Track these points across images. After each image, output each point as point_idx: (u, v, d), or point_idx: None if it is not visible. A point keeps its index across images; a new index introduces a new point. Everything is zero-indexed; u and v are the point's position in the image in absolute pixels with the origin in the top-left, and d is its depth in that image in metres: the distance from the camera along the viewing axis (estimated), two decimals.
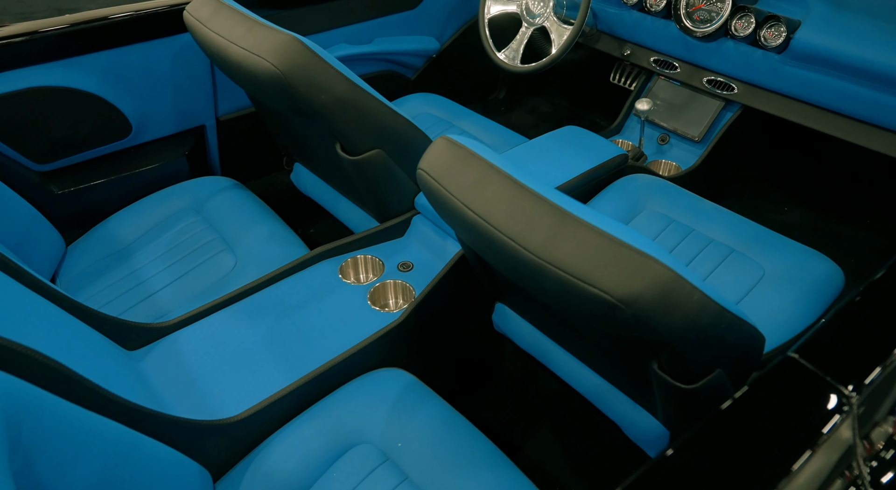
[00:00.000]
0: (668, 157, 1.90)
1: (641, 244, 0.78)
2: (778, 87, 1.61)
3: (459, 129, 1.87)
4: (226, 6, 1.28)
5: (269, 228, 1.50)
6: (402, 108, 1.98)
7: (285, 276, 1.36)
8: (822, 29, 1.44)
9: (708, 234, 1.42)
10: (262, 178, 1.97)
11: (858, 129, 1.51)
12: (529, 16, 1.83)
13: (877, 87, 1.40)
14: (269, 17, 1.74)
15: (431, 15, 2.15)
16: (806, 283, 1.26)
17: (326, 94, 1.20)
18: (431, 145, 0.97)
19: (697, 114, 1.86)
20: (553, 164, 1.56)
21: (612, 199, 1.52)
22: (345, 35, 1.96)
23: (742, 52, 1.63)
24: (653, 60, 1.89)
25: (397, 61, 2.15)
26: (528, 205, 0.85)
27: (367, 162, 1.33)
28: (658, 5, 1.76)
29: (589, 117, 2.54)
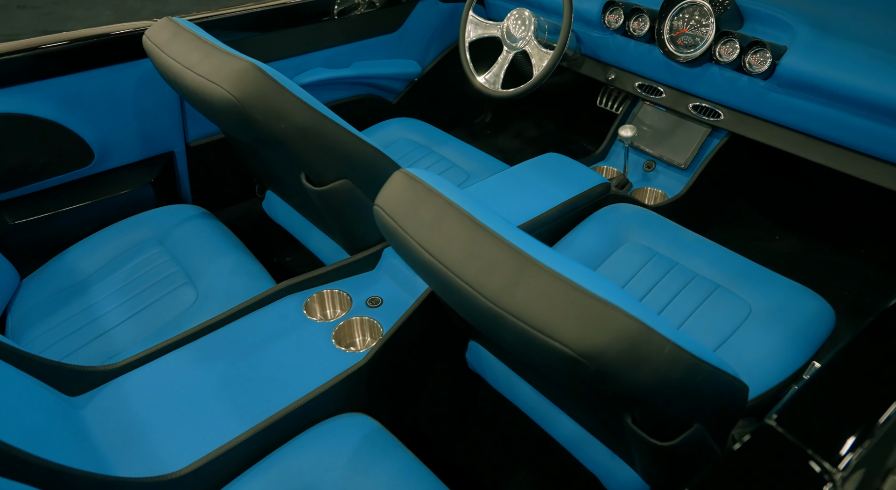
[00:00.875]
0: (654, 184, 1.84)
1: (607, 292, 0.71)
2: (765, 114, 1.56)
3: (438, 156, 1.81)
4: (185, 31, 1.23)
5: (234, 260, 1.43)
6: (381, 133, 1.93)
7: (246, 313, 1.28)
8: (808, 55, 1.39)
9: (692, 268, 1.35)
10: (235, 206, 1.90)
11: (848, 157, 1.45)
12: (510, 40, 1.79)
13: (865, 115, 1.35)
14: (243, 42, 1.70)
15: (413, 38, 2.11)
16: (794, 321, 1.20)
17: (286, 123, 1.14)
18: (389, 180, 0.91)
19: (683, 140, 1.80)
20: (532, 194, 1.50)
21: (593, 229, 1.46)
22: (322, 59, 1.91)
23: (727, 77, 1.58)
24: (637, 85, 1.84)
25: (377, 85, 2.10)
26: (486, 247, 0.78)
27: (332, 193, 1.27)
28: (641, 30, 1.71)
29: (576, 141, 2.49)
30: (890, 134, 1.33)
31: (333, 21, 1.88)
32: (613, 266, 1.39)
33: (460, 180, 1.71)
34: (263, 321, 1.27)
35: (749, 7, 1.54)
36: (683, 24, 1.62)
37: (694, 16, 1.60)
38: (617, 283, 1.36)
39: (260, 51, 1.75)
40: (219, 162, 1.79)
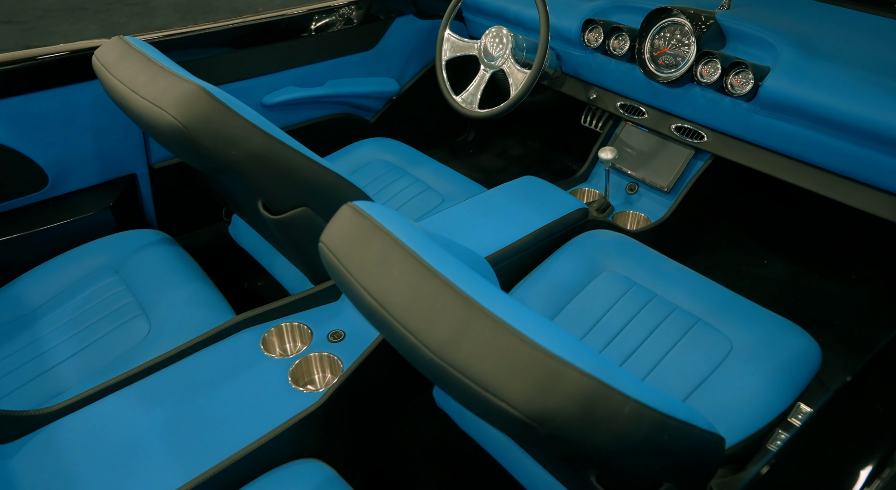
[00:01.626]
0: (636, 207, 1.78)
1: (562, 346, 0.64)
2: (748, 137, 1.50)
3: (413, 178, 1.75)
4: (134, 51, 1.17)
5: (191, 290, 1.36)
6: (355, 153, 1.87)
7: (199, 348, 1.21)
8: (792, 77, 1.33)
9: (672, 300, 1.28)
10: (202, 229, 1.83)
11: (835, 183, 1.39)
12: (488, 58, 1.73)
13: (852, 139, 1.29)
14: (209, 61, 1.64)
15: (390, 56, 2.05)
16: (778, 359, 1.13)
17: (237, 150, 1.07)
18: (336, 214, 0.84)
19: (666, 163, 1.74)
20: (506, 220, 1.43)
21: (570, 257, 1.39)
22: (295, 77, 1.85)
23: (710, 98, 1.52)
24: (619, 105, 1.78)
25: (354, 104, 2.04)
26: (432, 292, 0.71)
27: (290, 221, 1.20)
28: (621, 49, 1.66)
29: (561, 160, 2.43)
30: (878, 159, 1.27)
31: (306, 38, 1.82)
32: (590, 297, 1.32)
33: (434, 204, 1.65)
34: (216, 358, 1.19)
35: (731, 27, 1.49)
36: (664, 44, 1.57)
37: (675, 35, 1.54)
38: (593, 315, 1.29)
39: (228, 69, 1.69)
40: (184, 184, 1.73)
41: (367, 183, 1.75)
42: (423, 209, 1.64)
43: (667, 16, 1.54)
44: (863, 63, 1.31)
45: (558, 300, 1.33)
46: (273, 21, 1.73)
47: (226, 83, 1.69)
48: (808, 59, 1.34)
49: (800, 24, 1.49)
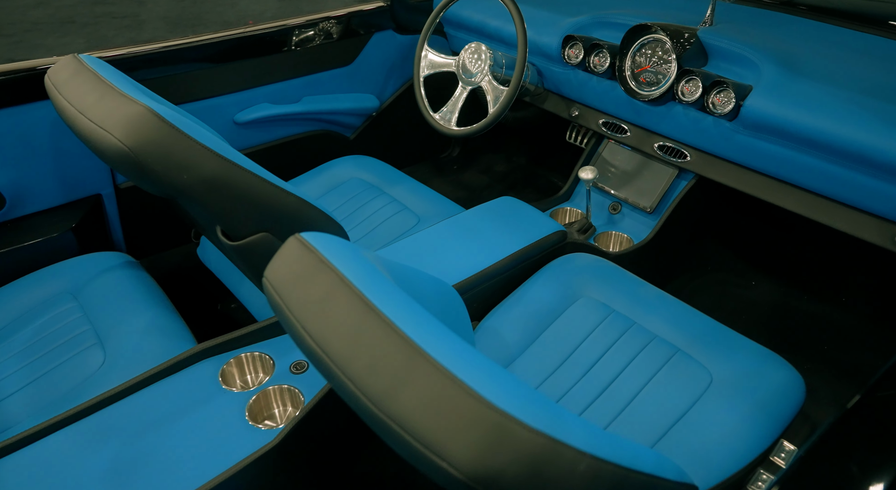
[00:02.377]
0: (619, 228, 1.72)
1: (509, 399, 0.59)
2: (732, 157, 1.45)
3: (389, 197, 1.70)
4: (86, 70, 1.12)
5: (152, 317, 1.30)
6: (331, 172, 1.82)
7: (154, 381, 1.15)
8: (774, 96, 1.28)
9: (651, 329, 1.23)
10: (172, 251, 1.78)
11: (822, 206, 1.34)
12: (466, 75, 1.69)
13: (837, 161, 1.24)
14: (175, 78, 1.59)
15: (369, 71, 2.01)
16: (760, 394, 1.07)
17: (190, 174, 1.02)
18: (282, 247, 0.79)
19: (649, 182, 1.69)
20: (481, 243, 1.38)
21: (546, 283, 1.34)
22: (269, 94, 1.80)
23: (692, 117, 1.48)
24: (601, 123, 1.73)
25: (332, 121, 2.00)
26: (374, 336, 0.66)
27: (250, 247, 1.15)
28: (602, 66, 1.62)
29: (547, 177, 2.39)
30: (863, 182, 1.23)
31: (281, 54, 1.78)
32: (566, 324, 1.27)
33: (410, 225, 1.60)
34: (171, 392, 1.13)
35: (713, 44, 1.44)
36: (645, 61, 1.52)
37: (656, 52, 1.50)
38: (569, 344, 1.24)
39: (198, 86, 1.64)
40: (152, 205, 1.67)
41: (342, 203, 1.70)
42: (398, 230, 1.59)
43: (647, 33, 1.49)
44: (848, 82, 1.26)
45: (533, 328, 1.27)
46: (245, 37, 1.69)
47: (195, 101, 1.65)
48: (792, 77, 1.30)
49: (784, 41, 1.45)
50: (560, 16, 1.74)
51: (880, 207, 1.24)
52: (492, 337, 1.25)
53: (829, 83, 1.27)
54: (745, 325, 1.71)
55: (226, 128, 1.74)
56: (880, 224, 1.26)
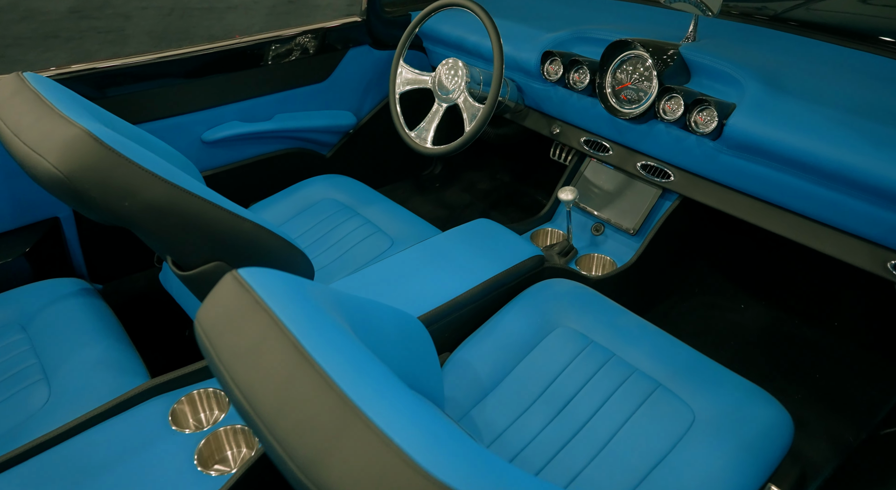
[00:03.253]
0: (602, 249, 1.66)
1: (451, 467, 0.51)
2: (716, 177, 1.39)
3: (363, 219, 1.63)
4: (27, 89, 1.05)
5: (103, 350, 1.23)
6: (303, 192, 1.75)
7: (99, 422, 1.07)
8: (758, 115, 1.23)
9: (631, 361, 1.16)
10: (135, 275, 1.70)
11: (809, 228, 1.28)
12: (442, 91, 1.63)
13: (824, 183, 1.18)
14: (135, 96, 1.53)
15: (345, 88, 1.95)
16: (746, 434, 1.00)
17: (132, 201, 0.95)
18: (217, 285, 0.72)
19: (632, 203, 1.63)
20: (455, 269, 1.31)
21: (522, 311, 1.27)
22: (239, 111, 1.74)
23: (675, 136, 1.42)
24: (583, 141, 1.67)
25: (307, 139, 1.93)
26: (305, 391, 0.59)
27: (202, 277, 1.08)
28: (582, 82, 1.56)
29: (531, 195, 2.33)
30: (852, 205, 1.17)
31: (251, 70, 1.72)
32: (542, 355, 1.20)
33: (383, 247, 1.53)
34: (116, 433, 1.06)
35: (696, 60, 1.39)
36: (626, 78, 1.47)
37: (637, 69, 1.44)
38: (545, 377, 1.16)
39: (161, 104, 1.58)
40: (115, 228, 1.60)
41: (313, 224, 1.64)
42: (370, 253, 1.52)
43: (627, 49, 1.44)
44: (834, 101, 1.20)
45: (507, 360, 1.20)
46: (213, 52, 1.63)
47: (159, 119, 1.58)
48: (776, 95, 1.24)
49: (768, 57, 1.40)
50: (539, 31, 1.68)
51: (871, 231, 1.18)
52: (463, 370, 1.18)
53: (815, 101, 1.21)
54: (733, 351, 1.64)
55: (192, 147, 1.68)
56: (871, 249, 1.20)
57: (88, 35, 4.65)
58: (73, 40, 4.53)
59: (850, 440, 1.37)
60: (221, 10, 5.40)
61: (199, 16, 5.20)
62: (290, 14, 5.47)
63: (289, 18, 5.39)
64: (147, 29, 4.83)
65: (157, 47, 4.52)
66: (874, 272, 1.20)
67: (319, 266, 1.50)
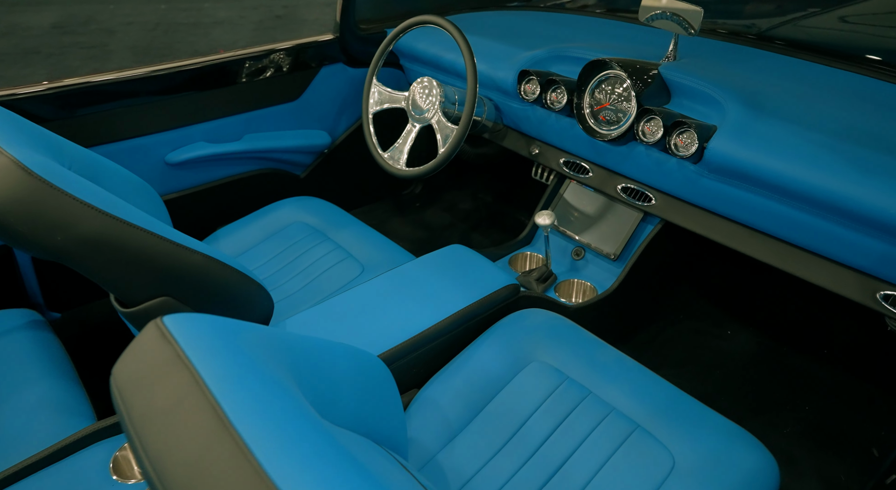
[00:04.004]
0: (583, 275, 1.60)
1: None
2: (698, 201, 1.34)
3: (333, 244, 1.56)
4: None
5: (47, 389, 1.15)
6: (273, 215, 1.68)
7: (35, 470, 0.99)
8: (739, 138, 1.17)
9: (609, 400, 1.09)
10: (95, 303, 1.63)
11: (795, 256, 1.22)
12: (416, 111, 1.57)
13: (808, 210, 1.13)
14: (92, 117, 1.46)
15: (319, 107, 1.89)
16: (726, 482, 0.93)
17: (64, 235, 0.88)
18: (137, 337, 0.65)
19: (613, 226, 1.57)
20: (425, 299, 1.25)
21: (494, 344, 1.20)
22: (205, 131, 1.68)
23: (655, 159, 1.36)
24: (563, 162, 1.62)
25: (279, 159, 1.87)
26: (219, 464, 0.52)
27: (148, 314, 1.01)
28: (560, 102, 1.50)
29: (514, 215, 2.27)
30: (839, 233, 1.11)
31: (218, 89, 1.66)
32: (515, 392, 1.13)
33: (353, 275, 1.46)
34: (52, 484, 0.98)
35: (676, 80, 1.34)
36: (605, 98, 1.41)
37: (616, 89, 1.39)
38: (518, 416, 1.09)
39: (119, 126, 1.51)
40: None
41: (281, 249, 1.57)
42: (339, 281, 1.45)
43: (604, 69, 1.38)
44: (819, 124, 1.15)
45: (479, 398, 1.13)
46: (178, 71, 1.57)
47: (118, 141, 1.51)
48: (759, 118, 1.19)
49: (751, 78, 1.35)
50: (517, 49, 1.63)
51: (859, 261, 1.12)
52: (430, 410, 1.11)
53: (800, 124, 1.16)
54: (719, 381, 1.57)
55: (155, 169, 1.61)
56: (860, 279, 1.14)
57: (70, 51, 4.59)
58: (53, 56, 4.47)
59: (843, 479, 1.31)
60: (207, 25, 5.36)
61: (185, 31, 5.16)
62: (276, 29, 5.44)
63: (276, 33, 5.35)
64: (130, 44, 4.78)
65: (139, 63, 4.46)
66: (863, 303, 1.14)
67: (285, 295, 1.43)
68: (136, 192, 1.32)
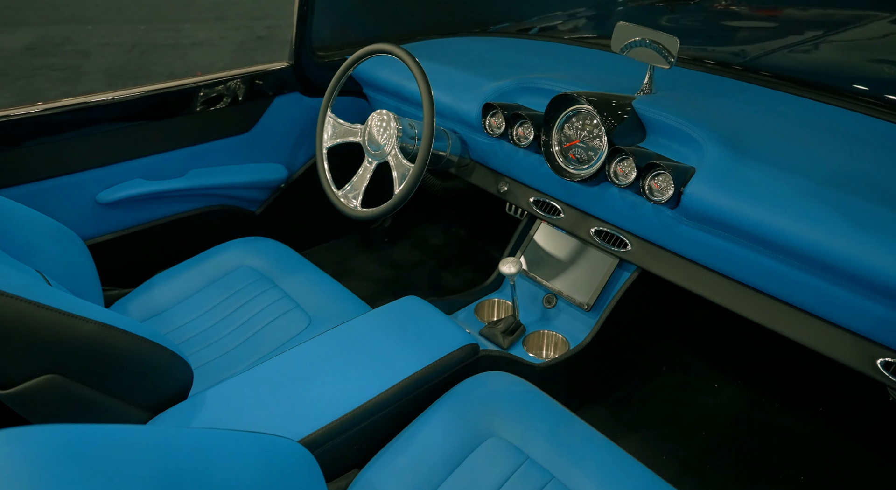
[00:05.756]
0: (554, 326, 1.46)
1: None
2: (677, 249, 1.21)
3: (280, 292, 1.42)
4: None
5: None
6: (219, 258, 1.53)
7: None
8: (720, 183, 1.04)
9: (573, 487, 0.95)
10: None
11: (782, 313, 1.09)
12: (372, 146, 1.44)
13: (797, 265, 1.00)
14: (15, 153, 1.32)
15: (274, 139, 1.76)
16: None
17: None
18: None
19: (586, 273, 1.44)
20: (367, 364, 1.10)
21: (447, 417, 1.05)
22: (144, 167, 1.54)
23: (630, 202, 1.24)
24: (532, 201, 1.49)
25: (230, 195, 1.73)
26: None
27: (30, 395, 0.86)
28: (527, 138, 1.38)
29: (487, 251, 2.13)
30: (834, 293, 0.98)
31: (158, 122, 1.52)
32: (468, 476, 0.98)
33: (298, 328, 1.32)
34: None
35: (651, 117, 1.21)
36: (575, 134, 1.29)
37: (586, 125, 1.26)
38: None
39: (40, 163, 1.37)
40: None
41: (222, 299, 1.42)
42: (283, 335, 1.31)
43: (573, 104, 1.26)
44: (807, 168, 1.03)
45: (426, 482, 0.98)
46: (111, 103, 1.44)
47: (39, 180, 1.37)
48: (740, 160, 1.06)
49: (733, 114, 1.23)
50: (483, 79, 1.51)
51: (856, 324, 0.99)
52: None
53: (785, 169, 1.03)
54: (704, 444, 1.43)
55: (85, 210, 1.47)
56: (858, 343, 1.01)
57: (41, 73, 4.46)
58: (22, 78, 4.34)
59: None
60: (186, 46, 5.26)
61: (162, 52, 5.05)
62: (257, 50, 5.34)
63: (256, 55, 5.25)
64: (104, 66, 4.66)
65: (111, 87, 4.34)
66: (861, 371, 1.01)
67: (220, 352, 1.28)
68: (49, 239, 1.18)
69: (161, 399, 0.99)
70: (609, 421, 1.46)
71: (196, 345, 1.30)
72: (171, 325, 1.34)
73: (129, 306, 1.38)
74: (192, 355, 1.26)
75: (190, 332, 1.33)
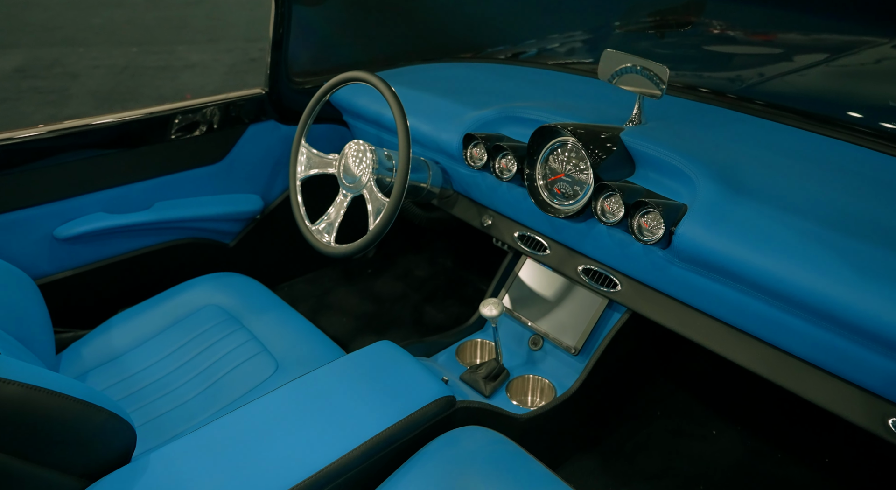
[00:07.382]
0: (540, 370, 1.37)
1: None
2: (669, 291, 1.12)
3: (247, 334, 1.33)
4: None
5: None
6: (182, 297, 1.44)
7: None
8: (713, 224, 0.96)
9: None
10: None
11: (783, 364, 1.00)
12: (347, 179, 1.36)
13: (797, 313, 0.91)
14: None
15: (248, 168, 1.68)
16: None
17: None
18: None
19: (574, 314, 1.35)
20: (333, 420, 1.00)
21: (418, 480, 0.95)
22: (107, 200, 1.46)
23: (618, 240, 1.15)
24: (517, 236, 1.40)
25: (201, 228, 1.65)
26: None
27: None
28: (509, 171, 1.30)
29: (473, 283, 2.05)
30: (839, 345, 0.89)
31: (122, 152, 1.45)
32: None
33: (264, 374, 1.23)
34: None
35: (640, 150, 1.13)
36: (560, 168, 1.21)
37: (572, 158, 1.19)
38: None
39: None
40: None
41: (185, 341, 1.33)
42: (246, 383, 1.21)
43: (556, 136, 1.19)
44: (806, 208, 0.95)
45: None
46: (70, 132, 1.36)
47: None
48: (734, 198, 0.98)
49: (727, 147, 1.15)
50: (465, 108, 1.44)
51: (863, 379, 0.90)
52: None
53: (783, 208, 0.95)
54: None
55: (40, 246, 1.38)
56: (867, 399, 0.92)
57: (27, 96, 4.41)
58: (7, 101, 4.28)
59: None
60: (177, 68, 5.21)
61: (152, 75, 5.00)
62: (249, 73, 5.29)
63: (248, 77, 5.21)
64: (93, 89, 4.61)
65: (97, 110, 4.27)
66: (870, 430, 0.92)
67: (177, 402, 1.19)
68: None
69: (98, 464, 0.89)
70: (599, 474, 1.36)
71: (150, 395, 1.20)
72: (126, 372, 1.24)
73: (82, 350, 1.29)
74: (144, 407, 1.17)
75: (145, 380, 1.23)
